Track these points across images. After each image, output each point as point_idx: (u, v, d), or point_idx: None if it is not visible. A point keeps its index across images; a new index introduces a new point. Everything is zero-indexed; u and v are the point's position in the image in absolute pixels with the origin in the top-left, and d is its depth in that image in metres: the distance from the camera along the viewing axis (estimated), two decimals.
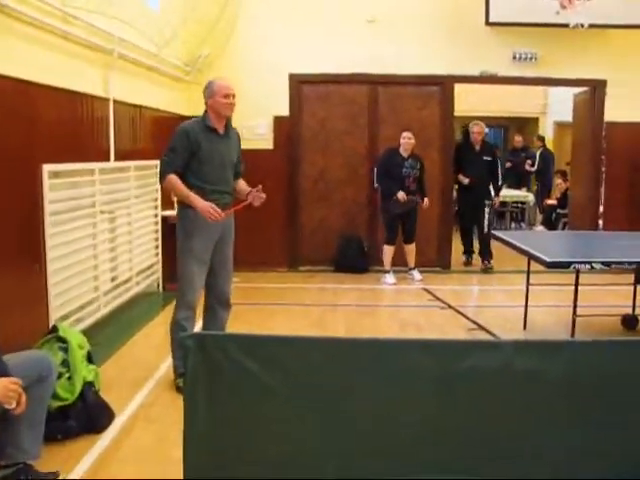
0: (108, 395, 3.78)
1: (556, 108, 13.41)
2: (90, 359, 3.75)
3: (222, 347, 2.70)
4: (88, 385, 3.51)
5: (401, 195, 7.40)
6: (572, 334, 4.74)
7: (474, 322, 5.95)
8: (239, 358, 2.71)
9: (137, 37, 5.89)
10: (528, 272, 5.73)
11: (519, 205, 11.92)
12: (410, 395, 2.79)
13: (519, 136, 12.51)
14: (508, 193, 11.78)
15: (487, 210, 8.38)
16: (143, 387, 4.25)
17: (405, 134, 7.55)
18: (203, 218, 4.13)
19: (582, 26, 7.60)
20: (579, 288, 6.68)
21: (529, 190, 11.87)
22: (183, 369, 4.21)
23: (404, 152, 7.57)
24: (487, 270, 8.27)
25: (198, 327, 5.30)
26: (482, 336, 5.58)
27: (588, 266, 4.42)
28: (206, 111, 4.26)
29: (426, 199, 7.68)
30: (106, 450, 3.37)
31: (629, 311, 5.88)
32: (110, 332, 5.39)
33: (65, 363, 3.46)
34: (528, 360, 2.76)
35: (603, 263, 4.44)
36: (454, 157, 8.38)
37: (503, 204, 11.99)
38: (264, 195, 4.29)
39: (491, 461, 2.76)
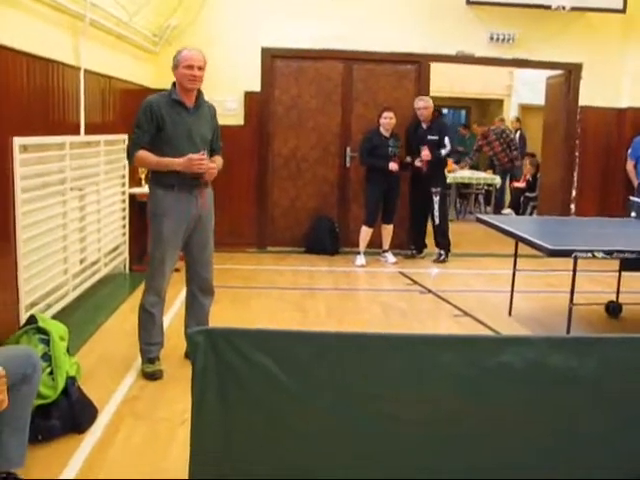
0: (87, 389, 3.45)
1: (521, 90, 13.38)
2: (68, 351, 3.44)
3: (234, 343, 2.46)
4: (71, 380, 3.20)
5: (392, 165, 7.24)
6: (568, 324, 4.59)
7: (458, 308, 5.80)
8: (252, 354, 2.48)
9: (108, 2, 5.51)
10: (515, 257, 5.59)
11: (486, 187, 11.83)
12: (435, 394, 2.60)
13: (499, 119, 12.21)
14: (474, 175, 11.72)
15: (436, 199, 7.70)
16: (124, 379, 3.94)
17: (386, 114, 7.31)
18: (173, 198, 3.86)
19: (564, 8, 7.46)
20: (560, 274, 6.65)
21: (495, 172, 11.77)
22: (152, 354, 4.01)
23: (385, 132, 7.36)
24: (440, 262, 7.76)
25: (170, 315, 5.08)
26: (468, 322, 5.44)
27: (589, 254, 4.26)
28: (174, 83, 3.96)
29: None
30: (94, 451, 3.07)
31: (611, 297, 5.81)
32: (80, 318, 5.04)
33: (46, 357, 3.15)
34: (563, 357, 2.59)
35: (605, 252, 4.29)
36: (405, 139, 7.74)
37: (467, 186, 11.96)
38: (207, 166, 3.89)
39: (523, 462, 2.59)
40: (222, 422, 2.53)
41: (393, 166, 7.24)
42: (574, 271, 4.53)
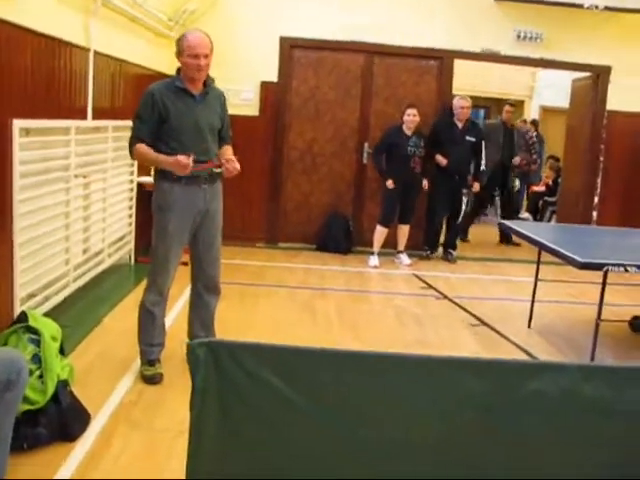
0: (80, 392, 3.20)
1: (543, 92, 13.06)
2: (62, 351, 3.20)
3: (239, 359, 2.21)
4: (62, 384, 2.96)
5: (389, 183, 7.01)
6: (594, 342, 4.33)
7: (475, 316, 5.53)
8: (258, 371, 2.22)
9: None
10: (538, 265, 5.33)
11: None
12: (453, 422, 2.35)
13: (522, 120, 11.83)
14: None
15: (466, 199, 7.73)
16: (121, 381, 3.70)
17: (410, 111, 7.02)
18: (180, 191, 3.61)
19: (597, 7, 7.16)
20: (581, 285, 6.38)
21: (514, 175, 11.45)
22: (152, 355, 3.77)
23: (408, 130, 7.07)
24: (451, 261, 7.66)
25: (173, 314, 4.84)
26: (485, 333, 5.18)
27: (621, 269, 4.00)
28: (179, 69, 3.68)
29: (425, 181, 7.28)
30: (84, 463, 2.82)
31: (634, 311, 5.54)
32: (79, 312, 4.81)
33: (35, 358, 2.91)
34: (597, 387, 2.34)
35: (638, 267, 4.02)
36: (431, 135, 7.44)
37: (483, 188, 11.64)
38: (238, 166, 3.71)
39: None
40: (223, 442, 2.30)
41: (390, 183, 7.01)
42: (603, 285, 4.26)
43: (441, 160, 7.38)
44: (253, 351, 2.25)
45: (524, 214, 10.80)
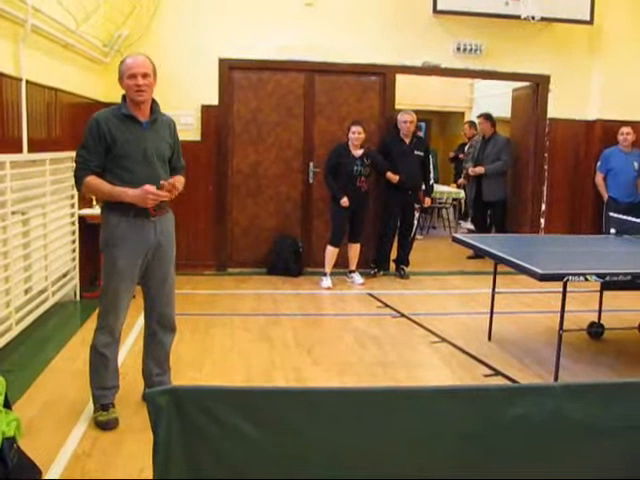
0: (29, 444, 2.97)
1: (481, 103, 13.20)
2: (7, 403, 2.96)
3: (206, 406, 2.05)
4: (8, 442, 2.71)
5: (344, 201, 6.91)
6: (558, 352, 4.29)
7: (434, 333, 5.46)
8: (230, 419, 2.06)
9: (53, 8, 5.06)
10: (494, 278, 5.29)
11: (452, 202, 11.61)
12: (435, 453, 2.24)
13: (471, 128, 11.76)
14: (438, 189, 11.43)
15: (417, 215, 7.76)
16: (72, 430, 3.46)
17: (354, 128, 6.94)
18: (129, 225, 3.43)
19: (533, 18, 7.25)
20: (532, 293, 6.40)
21: (458, 187, 11.53)
22: (106, 399, 3.56)
23: (353, 147, 6.99)
24: (404, 277, 7.61)
25: (124, 349, 4.63)
26: (446, 349, 5.10)
27: (581, 278, 3.96)
28: (124, 96, 3.52)
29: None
30: None
31: (590, 317, 5.55)
32: (24, 356, 4.55)
33: None
34: (584, 406, 2.26)
35: (598, 275, 4.00)
36: (381, 151, 7.40)
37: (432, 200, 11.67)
38: (177, 185, 3.55)
39: None
40: None
41: (345, 202, 6.91)
42: (564, 295, 4.21)
43: (392, 177, 7.32)
44: (220, 396, 2.09)
45: (469, 224, 10.83)
